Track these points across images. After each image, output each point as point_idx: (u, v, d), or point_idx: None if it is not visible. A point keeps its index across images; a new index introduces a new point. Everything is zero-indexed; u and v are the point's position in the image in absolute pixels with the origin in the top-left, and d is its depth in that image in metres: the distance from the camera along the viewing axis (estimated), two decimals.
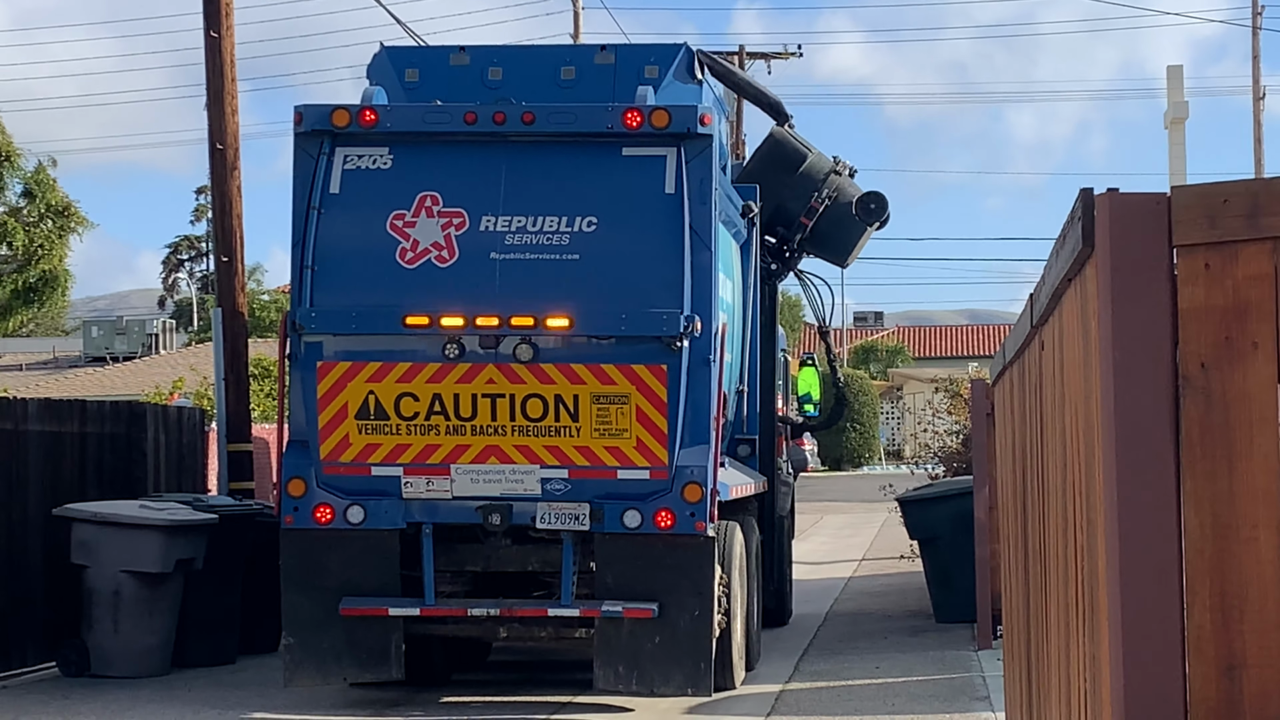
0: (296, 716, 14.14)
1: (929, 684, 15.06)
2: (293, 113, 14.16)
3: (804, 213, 18.51)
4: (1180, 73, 39.13)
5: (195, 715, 14.22)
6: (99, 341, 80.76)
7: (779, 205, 18.44)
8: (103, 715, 14.26)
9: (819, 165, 18.59)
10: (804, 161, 18.54)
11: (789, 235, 18.73)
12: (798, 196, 18.49)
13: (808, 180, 18.51)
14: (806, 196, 18.46)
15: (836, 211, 18.61)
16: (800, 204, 18.50)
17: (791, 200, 18.49)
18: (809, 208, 18.50)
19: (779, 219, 18.61)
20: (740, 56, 52.60)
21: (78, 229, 36.41)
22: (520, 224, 13.84)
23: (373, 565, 13.90)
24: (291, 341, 14.00)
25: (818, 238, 18.86)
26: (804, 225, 18.57)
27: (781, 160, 18.52)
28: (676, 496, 13.65)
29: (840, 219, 18.66)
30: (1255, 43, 48.92)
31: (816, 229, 18.65)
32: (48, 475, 16.99)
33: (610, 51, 15.57)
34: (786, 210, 18.54)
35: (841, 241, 18.99)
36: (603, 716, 14.00)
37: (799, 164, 18.49)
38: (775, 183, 18.39)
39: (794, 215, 18.55)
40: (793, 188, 18.47)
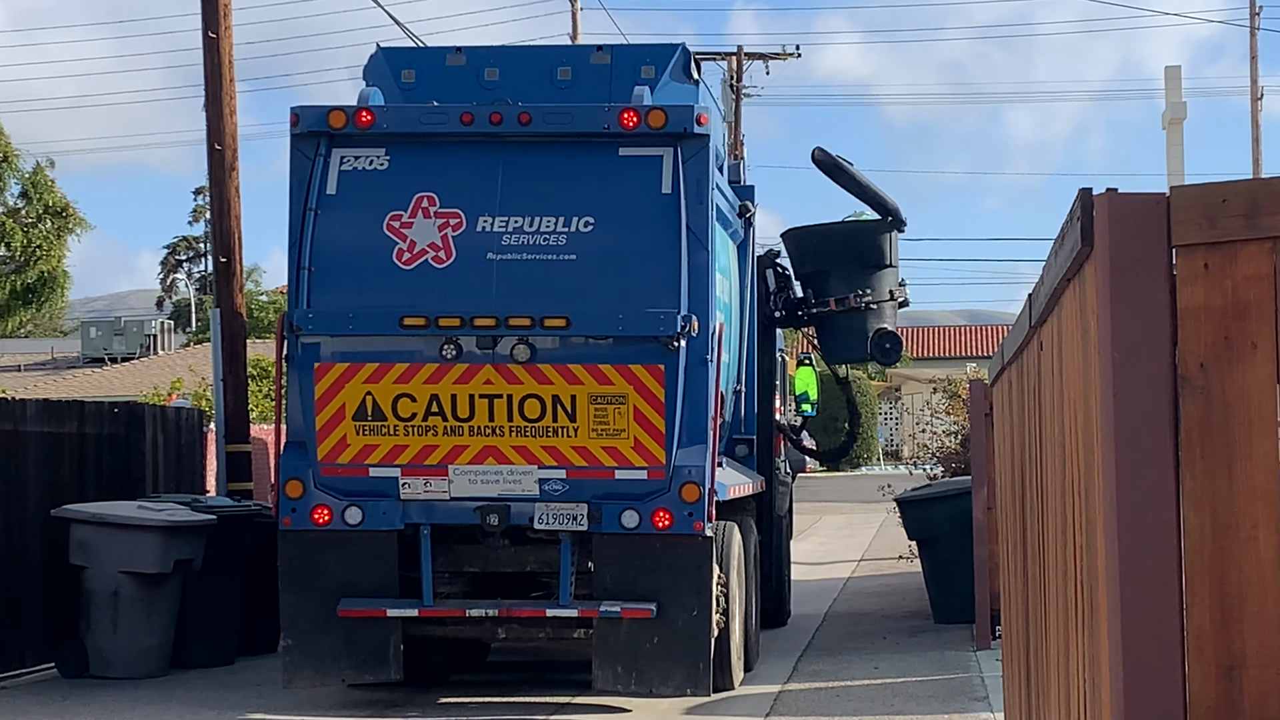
0: (295, 717, 14.13)
1: (928, 684, 15.06)
2: (289, 114, 14.16)
3: (840, 300, 18.56)
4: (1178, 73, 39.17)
5: (194, 716, 14.22)
6: (97, 342, 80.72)
7: (828, 275, 18.58)
8: (101, 716, 14.26)
9: (888, 279, 18.70)
10: (883, 268, 18.61)
11: (812, 304, 18.81)
12: (849, 284, 18.57)
13: (869, 281, 18.59)
14: (854, 290, 18.53)
15: (860, 321, 18.68)
16: (843, 289, 18.56)
17: (840, 281, 18.60)
18: (848, 301, 18.56)
19: (816, 283, 18.71)
20: (739, 57, 52.57)
21: (76, 230, 36.41)
22: (517, 224, 13.84)
23: (371, 566, 13.90)
24: (289, 342, 13.99)
25: (831, 326, 18.94)
26: (832, 309, 18.61)
27: (867, 252, 18.77)
28: (674, 496, 13.65)
29: (857, 329, 18.77)
30: (1253, 43, 48.93)
31: (836, 319, 18.73)
32: (46, 476, 16.99)
33: (606, 52, 15.57)
34: (829, 283, 18.63)
35: (843, 346, 19.12)
36: (601, 717, 13.99)
37: (878, 266, 18.58)
38: (844, 259, 18.60)
39: (830, 293, 18.61)
40: (852, 277, 18.59)
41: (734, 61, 52.32)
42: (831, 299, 18.68)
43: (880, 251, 18.78)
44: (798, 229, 19.49)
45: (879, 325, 18.64)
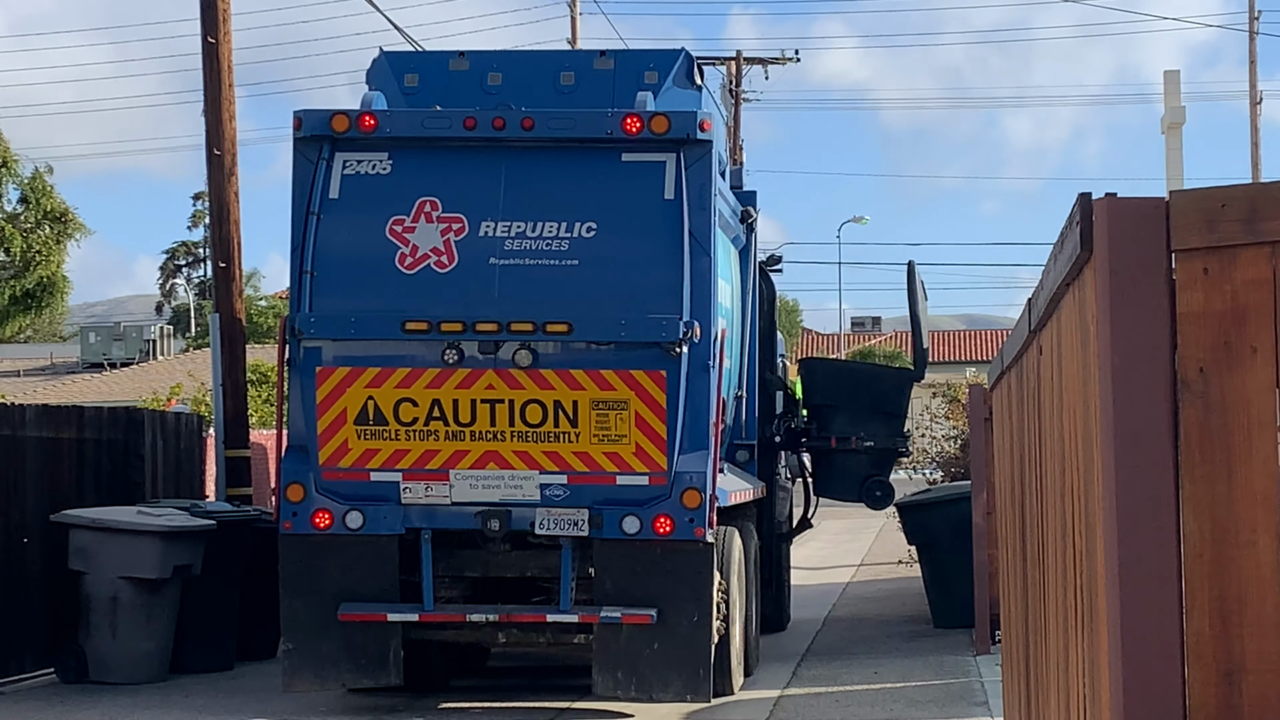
0: None
1: (927, 689, 15.07)
2: (291, 118, 14.17)
3: (841, 439, 18.60)
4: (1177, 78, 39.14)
5: None
6: (96, 347, 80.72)
7: (835, 411, 18.66)
8: None
9: (894, 427, 18.77)
10: (893, 416, 18.64)
11: (814, 436, 18.91)
12: (853, 424, 18.60)
13: (875, 426, 18.60)
14: (858, 431, 18.56)
15: (856, 464, 18.72)
16: (847, 428, 18.59)
17: (845, 420, 18.64)
18: (849, 442, 18.61)
19: (822, 416, 18.81)
20: (738, 62, 52.57)
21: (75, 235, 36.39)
22: (520, 229, 13.85)
23: (371, 570, 13.90)
24: (290, 346, 13.99)
25: (827, 462, 19.02)
26: (830, 446, 18.69)
27: (880, 398, 18.81)
28: (675, 502, 13.65)
29: (851, 472, 18.83)
30: (1252, 47, 48.94)
31: (834, 456, 18.78)
32: (46, 481, 16.99)
33: (610, 57, 15.57)
34: (834, 419, 18.70)
35: (835, 484, 19.11)
36: None
37: (888, 414, 18.64)
38: (855, 399, 18.68)
39: (833, 430, 18.69)
40: (858, 418, 18.63)
41: (733, 66, 52.32)
42: (833, 436, 18.75)
43: (894, 400, 18.82)
44: (815, 359, 19.79)
45: (874, 473, 18.70)
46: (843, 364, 19.72)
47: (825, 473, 19.09)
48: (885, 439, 18.63)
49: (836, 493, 19.11)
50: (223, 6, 20.16)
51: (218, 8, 20.12)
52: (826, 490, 19.20)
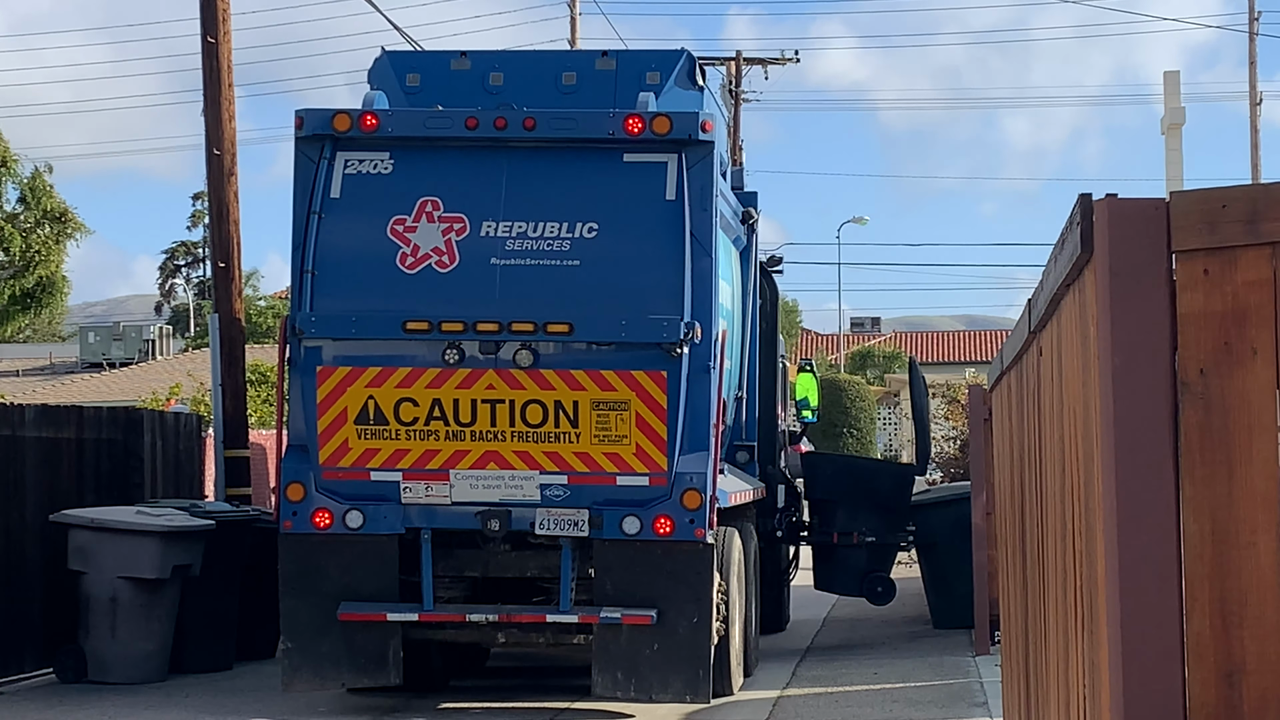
0: None
1: (927, 690, 15.06)
2: (293, 117, 14.16)
3: (843, 535, 18.69)
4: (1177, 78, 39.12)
5: None
6: (96, 347, 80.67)
7: (836, 506, 18.80)
8: None
9: (895, 523, 18.85)
10: (894, 511, 18.77)
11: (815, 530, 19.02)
12: (854, 519, 18.72)
13: (876, 521, 18.68)
14: (859, 527, 18.67)
15: (858, 559, 18.84)
16: (848, 523, 18.72)
17: (847, 515, 18.80)
18: (851, 538, 18.72)
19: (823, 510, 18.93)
20: (738, 62, 52.54)
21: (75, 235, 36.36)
22: (521, 229, 13.85)
23: (371, 570, 13.89)
24: (291, 346, 13.99)
25: (828, 556, 19.09)
26: (832, 541, 18.81)
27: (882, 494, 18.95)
28: (676, 503, 13.65)
29: (852, 566, 18.94)
30: (1252, 48, 48.92)
31: (835, 550, 18.89)
32: (45, 481, 16.98)
33: (611, 57, 15.56)
34: (835, 514, 18.83)
35: (836, 578, 19.21)
36: None
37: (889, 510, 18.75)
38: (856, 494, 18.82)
39: (835, 525, 18.80)
40: (859, 513, 18.72)
41: (733, 66, 52.28)
42: (834, 532, 18.86)
43: (894, 496, 18.92)
44: (818, 455, 19.93)
45: (875, 568, 18.76)
46: (844, 459, 20.05)
47: (827, 566, 19.20)
48: (886, 534, 18.75)
49: (838, 587, 19.22)
50: (222, 6, 20.15)
51: (217, 7, 20.11)
52: (828, 584, 19.32)
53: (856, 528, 18.72)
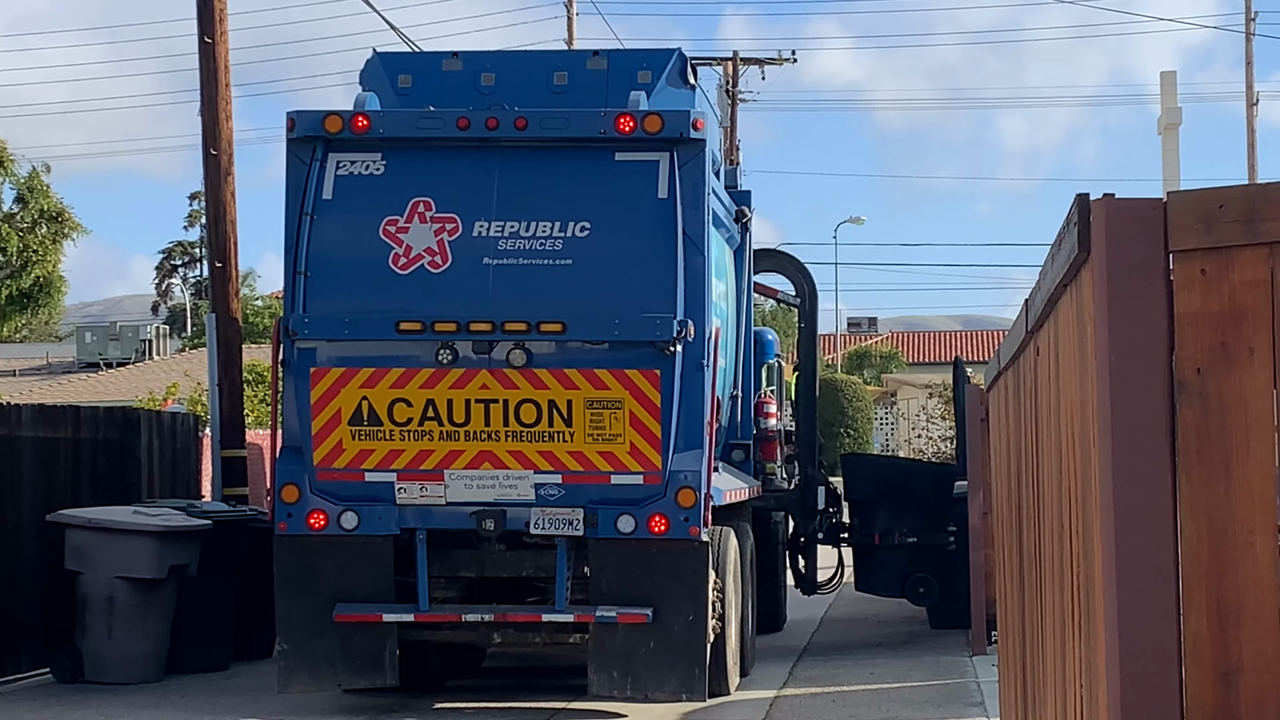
0: None
1: (924, 689, 15.06)
2: (285, 119, 14.15)
3: (884, 535, 18.74)
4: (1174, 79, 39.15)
5: None
6: (93, 347, 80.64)
7: (876, 506, 18.86)
8: None
9: (937, 522, 18.79)
10: (939, 514, 18.64)
11: (856, 532, 19.01)
12: (894, 519, 18.75)
13: (917, 521, 18.70)
14: (900, 528, 18.71)
15: (899, 559, 18.83)
16: (888, 524, 18.76)
17: (887, 515, 18.79)
18: (893, 538, 18.73)
19: (864, 512, 18.99)
20: (734, 62, 52.54)
21: (71, 234, 36.36)
22: (513, 229, 13.84)
23: (366, 571, 13.89)
24: (285, 347, 13.99)
25: (868, 557, 19.06)
26: (873, 543, 18.84)
27: (922, 493, 18.92)
28: (670, 501, 13.64)
29: (894, 567, 18.90)
30: (1249, 48, 48.92)
31: (876, 552, 18.91)
32: (41, 481, 16.97)
33: (603, 57, 15.55)
34: (876, 515, 18.86)
35: (877, 580, 19.15)
36: None
37: (930, 511, 18.63)
38: (896, 495, 18.88)
39: (876, 527, 18.83)
40: (900, 514, 18.77)
41: (730, 66, 52.29)
42: (875, 533, 18.83)
43: (935, 496, 18.76)
44: (857, 455, 19.85)
45: (916, 569, 18.66)
46: (885, 460, 20.04)
47: (868, 568, 19.08)
48: (927, 535, 18.63)
49: (879, 588, 19.07)
50: (219, 6, 20.13)
51: (214, 7, 20.09)
52: (869, 585, 19.17)
53: (897, 529, 18.64)
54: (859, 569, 19.21)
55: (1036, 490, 6.48)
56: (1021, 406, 7.25)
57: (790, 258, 20.48)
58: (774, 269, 19.81)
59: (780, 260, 20.22)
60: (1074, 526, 4.99)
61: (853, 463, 19.65)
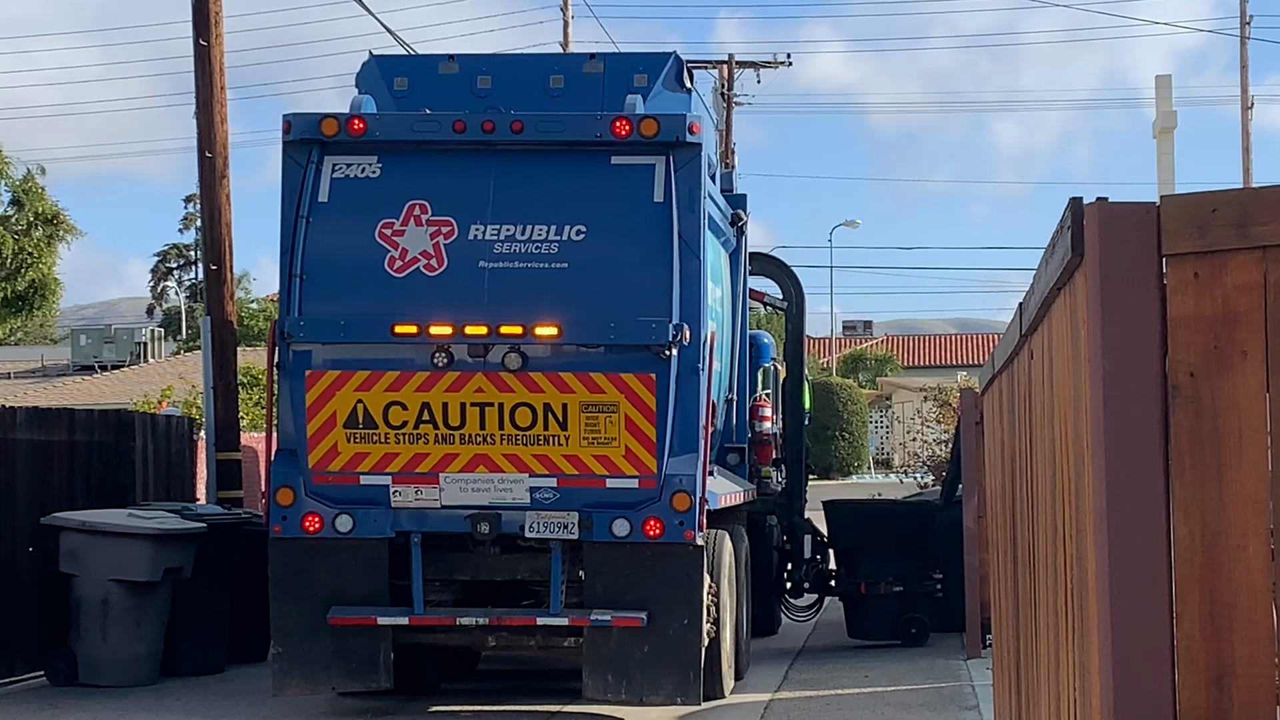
0: None
1: (918, 692, 15.06)
2: (281, 121, 14.15)
3: (870, 584, 18.44)
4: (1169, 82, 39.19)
5: None
6: (87, 350, 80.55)
7: (860, 553, 18.53)
8: None
9: (925, 563, 18.52)
10: (924, 554, 18.42)
11: (841, 580, 18.77)
12: (878, 565, 18.40)
13: (903, 565, 18.41)
14: (885, 577, 18.40)
15: (889, 606, 18.47)
16: (873, 570, 18.43)
17: (871, 561, 18.47)
18: (878, 587, 18.40)
19: (849, 560, 18.68)
20: (730, 65, 52.57)
21: (67, 237, 36.35)
22: (509, 233, 13.84)
23: (361, 574, 13.89)
24: (280, 350, 13.99)
25: (858, 604, 18.73)
26: (860, 591, 18.51)
27: (906, 535, 18.56)
28: (665, 505, 13.64)
29: (885, 613, 18.51)
30: (1244, 52, 48.97)
31: (864, 599, 18.56)
32: (36, 484, 16.95)
33: (599, 60, 15.56)
34: (861, 561, 18.55)
35: (869, 626, 18.71)
36: None
37: (917, 551, 18.39)
38: (879, 539, 18.52)
39: (861, 575, 18.51)
40: (884, 559, 18.41)
41: (725, 70, 52.32)
42: (861, 582, 18.53)
43: (917, 537, 18.45)
44: (837, 502, 19.48)
45: (907, 611, 18.34)
46: (862, 504, 19.45)
47: (858, 615, 18.76)
48: (912, 582, 18.31)
49: (872, 634, 18.65)
50: (214, 9, 20.13)
51: (209, 10, 20.09)
52: (861, 633, 18.70)
53: (882, 576, 18.34)
54: (850, 617, 18.83)
55: (1031, 493, 6.49)
56: (1016, 409, 7.26)
57: (778, 261, 20.44)
58: (761, 273, 19.75)
59: (767, 264, 20.18)
60: (1068, 529, 5.00)
61: (835, 510, 19.29)
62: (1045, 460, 5.71)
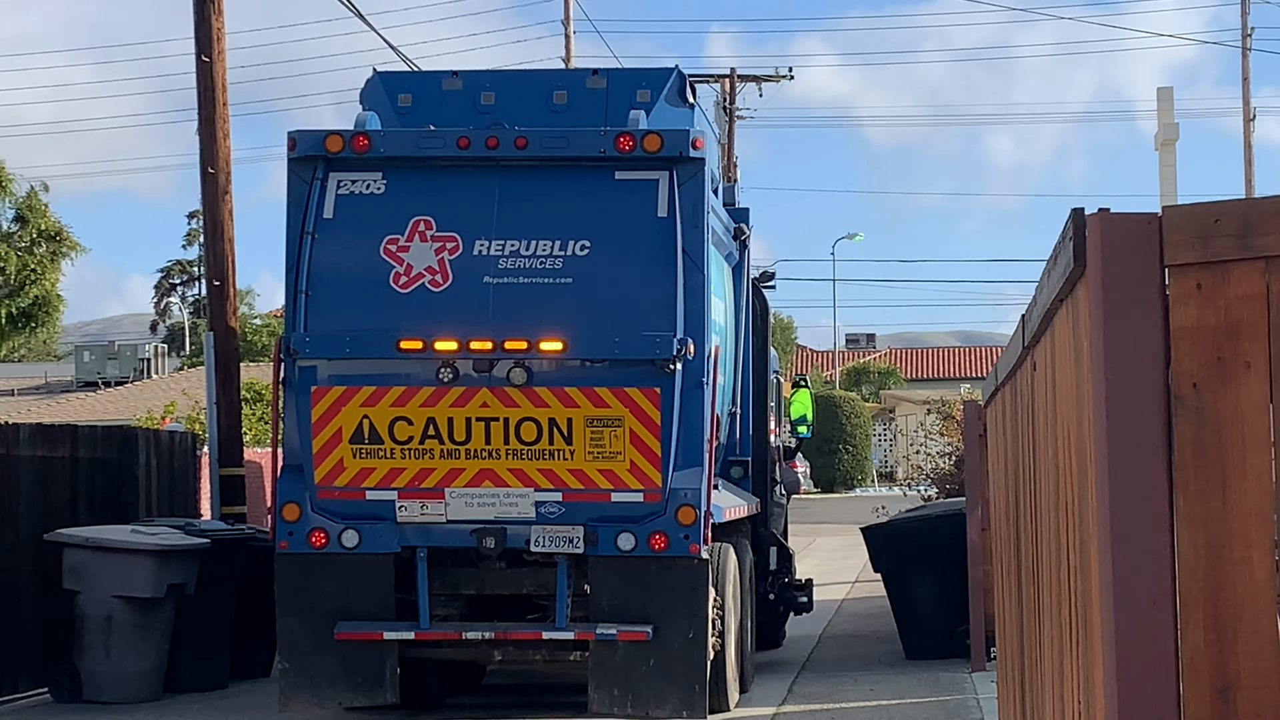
0: None
1: (924, 706, 15.05)
2: (286, 138, 14.18)
3: (920, 599, 18.24)
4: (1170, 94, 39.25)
5: None
6: (91, 366, 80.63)
7: (905, 573, 18.29)
8: None
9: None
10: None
11: (894, 598, 18.45)
12: (925, 582, 18.16)
13: (952, 580, 17.90)
14: (936, 588, 18.17)
15: (940, 620, 18.18)
16: (924, 586, 18.22)
17: (918, 580, 18.20)
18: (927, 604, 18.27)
19: (895, 583, 18.37)
20: (732, 79, 52.62)
21: (70, 254, 36.37)
22: (514, 248, 13.88)
23: (367, 589, 13.90)
24: (286, 366, 14.01)
25: (912, 625, 18.44)
26: (913, 612, 18.30)
27: (949, 547, 18.11)
28: (670, 519, 13.66)
29: (937, 625, 18.18)
30: (1245, 64, 48.95)
31: (921, 618, 18.33)
32: (39, 500, 16.95)
33: (602, 76, 15.59)
34: (909, 582, 18.32)
35: (923, 645, 18.32)
36: None
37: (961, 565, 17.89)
38: (921, 556, 18.22)
39: (912, 591, 18.30)
40: (930, 575, 18.13)
41: (727, 83, 52.36)
42: (913, 601, 18.22)
43: (959, 546, 17.44)
44: (873, 527, 19.11)
45: (960, 624, 17.57)
46: (899, 523, 18.88)
47: (913, 635, 18.36)
48: (961, 595, 17.39)
49: (930, 653, 17.82)
50: (217, 26, 20.15)
51: (212, 26, 20.11)
52: (918, 652, 18.18)
53: (929, 593, 18.11)
54: (905, 638, 18.56)
55: (1034, 506, 6.49)
56: (1019, 422, 7.26)
57: None
58: None
59: None
60: (1071, 541, 5.00)
61: (870, 535, 18.93)
62: (1048, 472, 5.71)
